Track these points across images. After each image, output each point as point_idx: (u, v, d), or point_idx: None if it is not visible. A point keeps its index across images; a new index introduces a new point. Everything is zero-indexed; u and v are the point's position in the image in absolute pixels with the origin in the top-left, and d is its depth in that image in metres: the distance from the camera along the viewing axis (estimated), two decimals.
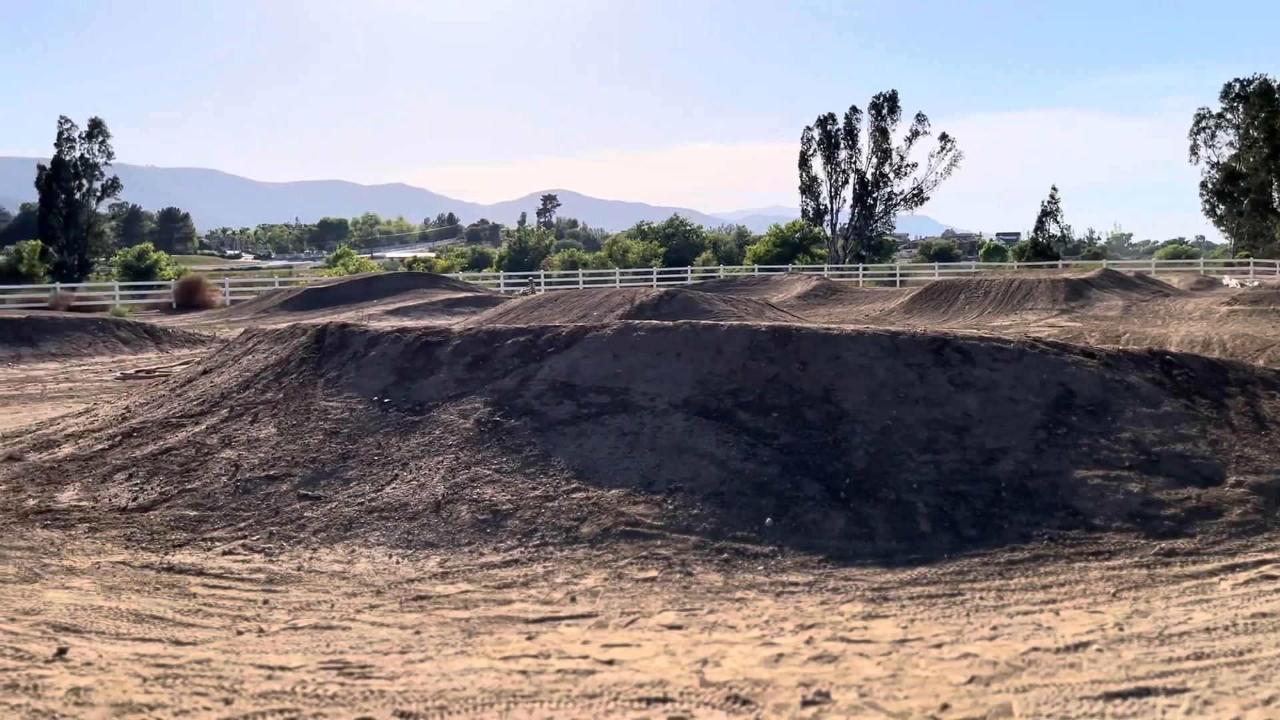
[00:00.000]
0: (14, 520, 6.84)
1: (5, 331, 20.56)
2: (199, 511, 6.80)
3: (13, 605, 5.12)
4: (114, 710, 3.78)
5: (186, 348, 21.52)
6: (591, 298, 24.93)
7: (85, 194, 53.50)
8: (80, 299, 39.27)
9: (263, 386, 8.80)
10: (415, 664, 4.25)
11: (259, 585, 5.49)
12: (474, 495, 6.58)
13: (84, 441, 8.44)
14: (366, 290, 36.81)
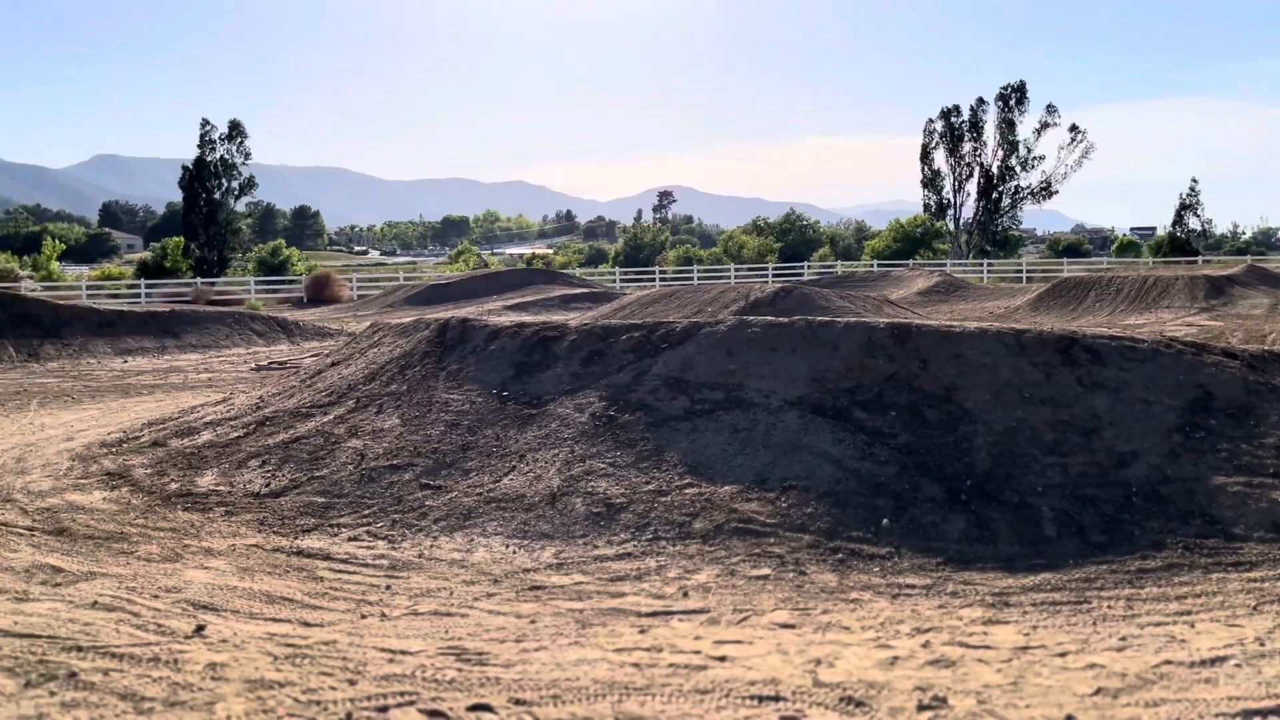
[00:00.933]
0: (158, 502, 7.23)
1: (151, 324, 21.74)
2: (326, 498, 7.06)
3: (156, 583, 5.42)
4: (247, 686, 3.96)
5: (316, 340, 22.36)
6: (706, 293, 24.90)
7: (224, 193, 56.08)
8: (219, 293, 41.24)
9: (387, 379, 9.08)
10: (530, 653, 4.33)
11: (382, 571, 5.67)
12: (588, 488, 6.66)
13: (221, 429, 8.87)
14: (487, 286, 37.61)
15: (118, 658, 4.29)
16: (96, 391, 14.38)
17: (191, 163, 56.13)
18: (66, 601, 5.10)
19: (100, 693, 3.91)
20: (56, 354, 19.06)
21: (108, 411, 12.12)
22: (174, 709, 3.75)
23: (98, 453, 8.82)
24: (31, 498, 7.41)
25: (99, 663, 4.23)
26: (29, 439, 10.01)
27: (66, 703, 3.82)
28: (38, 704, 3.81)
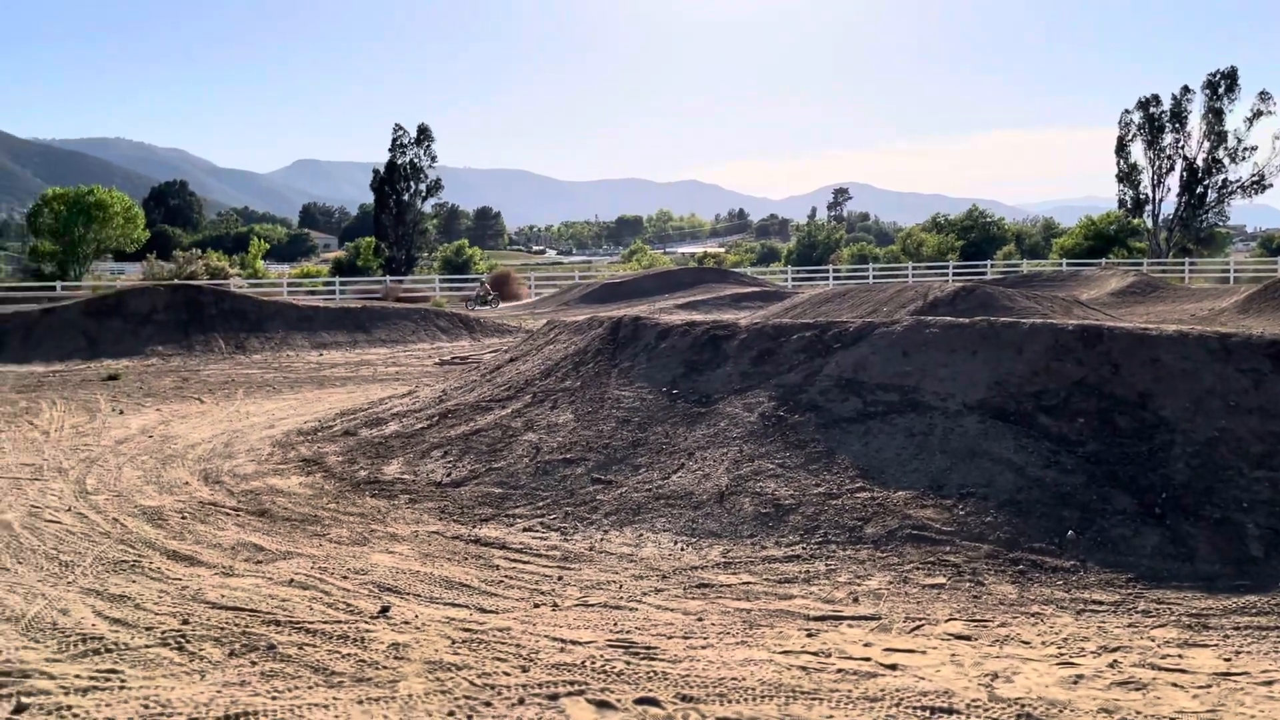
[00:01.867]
0: (348, 488, 7.65)
1: (345, 320, 23.03)
2: (503, 489, 7.30)
3: (346, 564, 5.74)
4: (427, 667, 4.14)
5: (496, 337, 23.13)
6: (881, 293, 24.33)
7: (412, 195, 58.76)
8: (406, 290, 43.26)
9: (562, 375, 9.31)
10: (697, 650, 4.34)
11: (554, 562, 5.81)
12: (757, 488, 6.63)
13: (407, 420, 9.30)
14: (659, 284, 37.96)
15: (311, 633, 4.56)
16: (295, 382, 15.35)
17: (383, 166, 59.08)
18: (266, 578, 5.47)
19: (295, 665, 4.18)
20: (260, 347, 20.45)
21: (304, 401, 12.92)
22: (360, 684, 3.96)
23: (295, 440, 9.41)
24: (237, 480, 7.98)
25: (294, 637, 4.51)
26: (235, 426, 10.78)
27: (265, 672, 4.09)
28: (241, 672, 4.10)
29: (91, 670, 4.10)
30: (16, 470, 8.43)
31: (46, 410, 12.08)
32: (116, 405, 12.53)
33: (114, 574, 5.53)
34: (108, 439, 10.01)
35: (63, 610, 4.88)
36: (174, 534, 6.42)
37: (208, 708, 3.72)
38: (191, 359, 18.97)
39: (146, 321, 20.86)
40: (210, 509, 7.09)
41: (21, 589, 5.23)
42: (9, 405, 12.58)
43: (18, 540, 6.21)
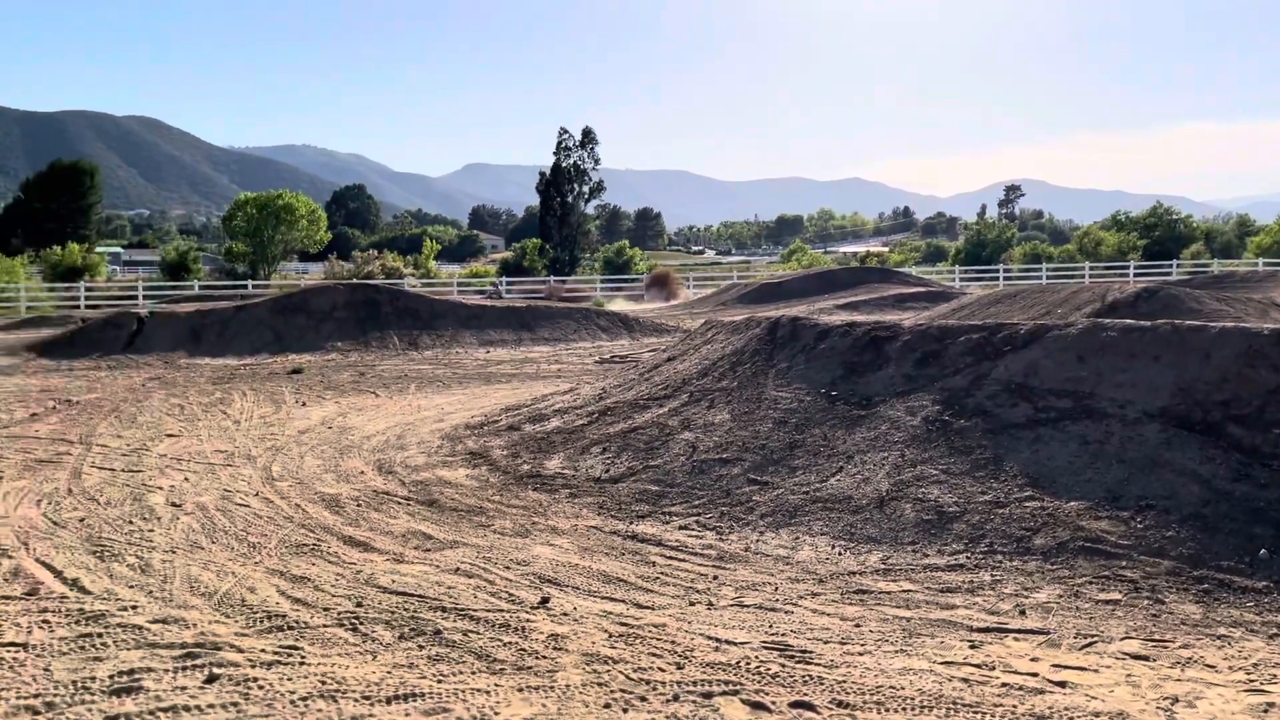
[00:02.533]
0: (511, 482, 7.89)
1: (510, 318, 23.73)
2: (660, 487, 7.37)
3: (508, 555, 5.92)
4: (584, 659, 4.22)
5: (654, 336, 23.34)
6: (1055, 294, 23.27)
7: (576, 196, 60.06)
8: (569, 290, 44.17)
9: (719, 374, 9.31)
10: (854, 656, 4.27)
11: (710, 561, 5.83)
12: (919, 494, 6.46)
13: (568, 417, 9.50)
14: (819, 285, 37.46)
15: (475, 620, 4.73)
16: (463, 378, 15.91)
17: (548, 169, 60.54)
18: (434, 566, 5.70)
19: (460, 650, 4.34)
20: (431, 343, 21.29)
21: (472, 397, 13.38)
22: (521, 673, 4.08)
23: (463, 434, 9.76)
24: (408, 471, 8.34)
25: (459, 623, 4.69)
26: (408, 419, 11.27)
27: (432, 656, 4.27)
28: (409, 654, 4.29)
29: (275, 646, 4.37)
30: (211, 456, 9.07)
31: (238, 401, 12.93)
32: (300, 397, 13.29)
33: (296, 556, 5.88)
34: (291, 429, 10.64)
35: (250, 589, 5.22)
36: (350, 520, 6.77)
37: (378, 687, 3.91)
38: (368, 354, 19.93)
39: (328, 319, 22.04)
40: (383, 498, 7.44)
41: (214, 567, 5.62)
42: (205, 396, 13.53)
43: (212, 522, 6.68)
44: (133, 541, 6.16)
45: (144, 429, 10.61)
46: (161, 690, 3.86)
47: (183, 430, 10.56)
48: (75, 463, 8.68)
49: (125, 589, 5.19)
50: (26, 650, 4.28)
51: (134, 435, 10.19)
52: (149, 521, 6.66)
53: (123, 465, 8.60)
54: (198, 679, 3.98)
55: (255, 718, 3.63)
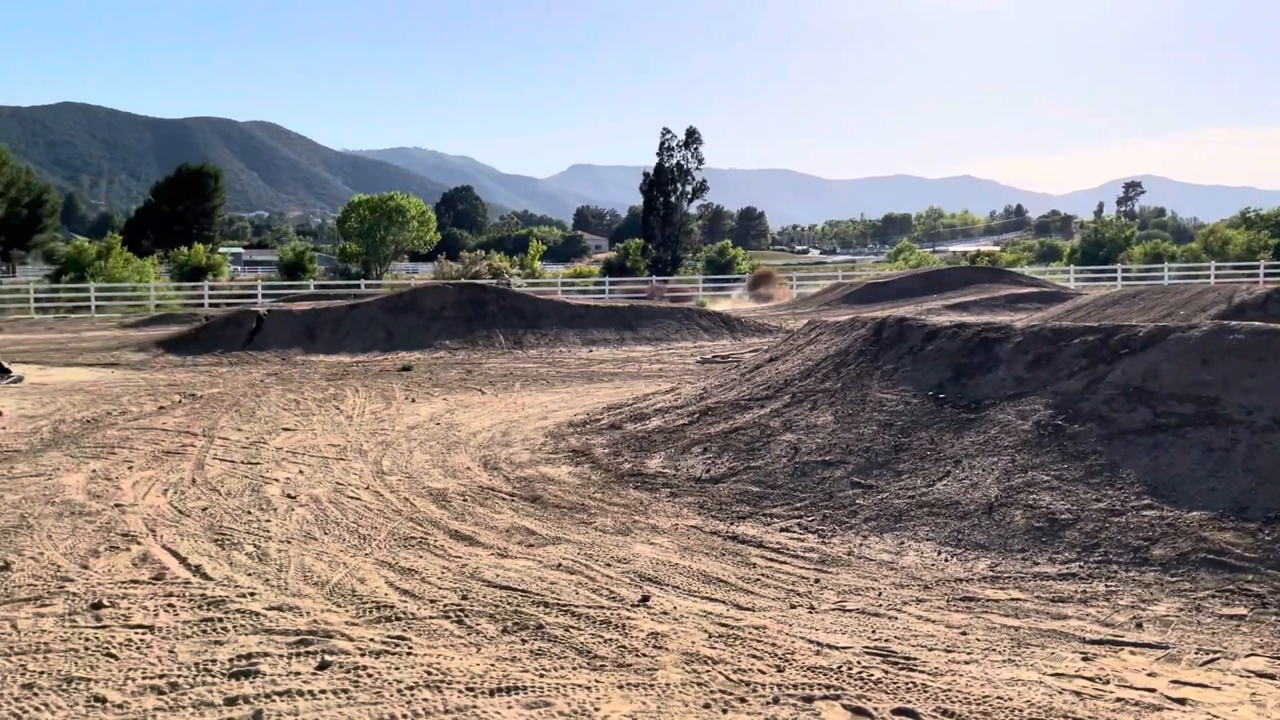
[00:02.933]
0: (613, 480, 7.94)
1: (612, 318, 23.89)
2: (761, 488, 7.32)
3: (609, 553, 5.96)
4: (684, 658, 4.23)
5: (756, 336, 23.21)
6: (1177, 295, 22.31)
7: (679, 196, 60.09)
8: (671, 290, 44.23)
9: (822, 375, 9.21)
10: (960, 665, 4.18)
11: (811, 564, 5.77)
12: (1029, 500, 6.27)
13: (669, 416, 9.52)
14: (926, 285, 36.70)
15: (576, 616, 4.78)
16: (566, 377, 16.09)
17: (651, 169, 60.75)
18: (537, 561, 5.78)
19: (561, 645, 4.39)
20: (536, 342, 21.59)
21: (575, 395, 13.52)
22: (621, 670, 4.11)
23: (565, 432, 9.87)
24: (513, 467, 8.48)
25: (561, 619, 4.74)
26: (512, 416, 11.45)
27: (534, 651, 4.33)
28: (512, 648, 4.36)
29: (384, 635, 4.49)
30: (325, 450, 9.37)
31: (350, 397, 13.34)
32: (409, 394, 13.63)
33: (404, 549, 6.03)
34: (401, 425, 10.92)
35: (360, 579, 5.38)
36: (456, 515, 6.92)
37: (482, 679, 3.98)
38: (475, 353, 20.31)
39: (436, 317, 22.56)
40: (488, 493, 7.58)
41: (327, 558, 5.81)
42: (320, 391, 13.99)
43: (325, 514, 6.91)
44: (251, 531, 6.41)
45: (262, 423, 11.03)
46: (277, 675, 4.01)
47: (298, 425, 10.94)
48: (198, 454, 9.07)
49: (244, 576, 5.40)
50: (153, 633, 4.50)
51: (253, 429, 10.60)
52: (266, 512, 6.92)
53: (242, 457, 8.96)
54: (310, 665, 4.12)
55: (364, 705, 3.74)
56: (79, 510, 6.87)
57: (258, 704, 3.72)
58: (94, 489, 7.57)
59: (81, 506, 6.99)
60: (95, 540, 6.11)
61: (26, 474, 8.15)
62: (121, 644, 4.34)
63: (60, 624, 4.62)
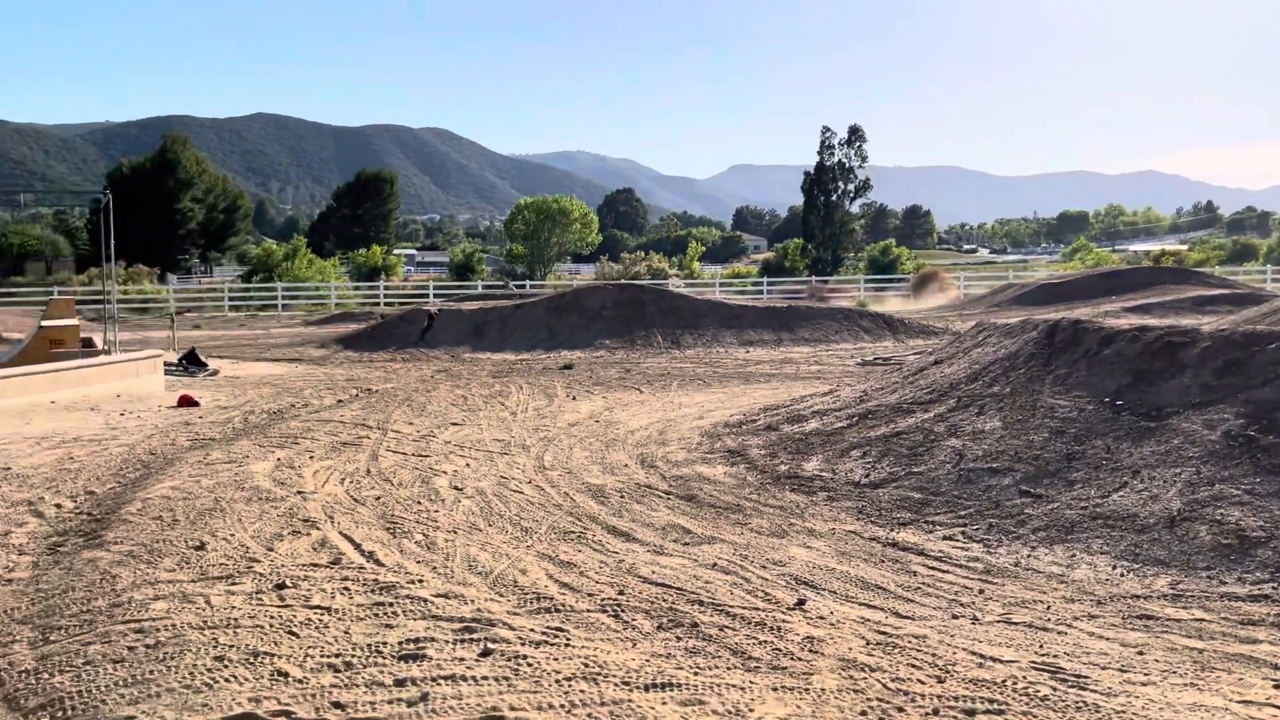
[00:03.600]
0: (769, 481, 7.90)
1: (770, 319, 23.73)
2: (922, 494, 7.13)
3: (765, 554, 5.93)
4: (840, 664, 4.17)
5: (920, 338, 22.60)
6: None
7: (840, 195, 59.15)
8: (830, 290, 43.60)
9: (990, 379, 8.89)
10: (1136, 686, 3.96)
11: (975, 574, 5.58)
12: (1216, 515, 5.88)
13: (827, 419, 9.39)
14: (1105, 285, 34.86)
15: (731, 616, 4.78)
16: (723, 377, 16.09)
17: (812, 168, 60.03)
18: (692, 560, 5.81)
19: (716, 645, 4.40)
20: (693, 342, 21.68)
21: (731, 396, 13.51)
22: (775, 672, 4.08)
23: (722, 432, 9.87)
24: (669, 466, 8.55)
25: (715, 618, 4.75)
26: (669, 415, 11.54)
27: (689, 649, 4.36)
28: (667, 644, 4.40)
29: (543, 626, 4.61)
30: (490, 445, 9.68)
31: (515, 394, 13.73)
32: (570, 392, 13.93)
33: (563, 542, 6.17)
34: (562, 421, 11.17)
35: (522, 570, 5.54)
36: (614, 511, 7.03)
37: (637, 674, 4.04)
38: (633, 352, 20.57)
39: (597, 317, 22.96)
40: (645, 491, 7.66)
41: (490, 549, 6.01)
42: (486, 388, 14.47)
43: (489, 506, 7.14)
44: (420, 520, 6.69)
45: (432, 417, 11.49)
46: (442, 659, 4.17)
47: (465, 420, 11.34)
48: (373, 446, 9.53)
49: (413, 564, 5.65)
50: (330, 614, 4.75)
51: (423, 423, 11.06)
52: (434, 503, 7.21)
53: (413, 450, 9.35)
54: (474, 651, 4.27)
55: (523, 693, 3.85)
56: (265, 496, 7.34)
57: (424, 686, 3.88)
58: (279, 476, 8.06)
59: (268, 493, 7.46)
60: (280, 525, 6.50)
61: (220, 461, 8.75)
62: (302, 623, 4.61)
63: (248, 601, 4.94)
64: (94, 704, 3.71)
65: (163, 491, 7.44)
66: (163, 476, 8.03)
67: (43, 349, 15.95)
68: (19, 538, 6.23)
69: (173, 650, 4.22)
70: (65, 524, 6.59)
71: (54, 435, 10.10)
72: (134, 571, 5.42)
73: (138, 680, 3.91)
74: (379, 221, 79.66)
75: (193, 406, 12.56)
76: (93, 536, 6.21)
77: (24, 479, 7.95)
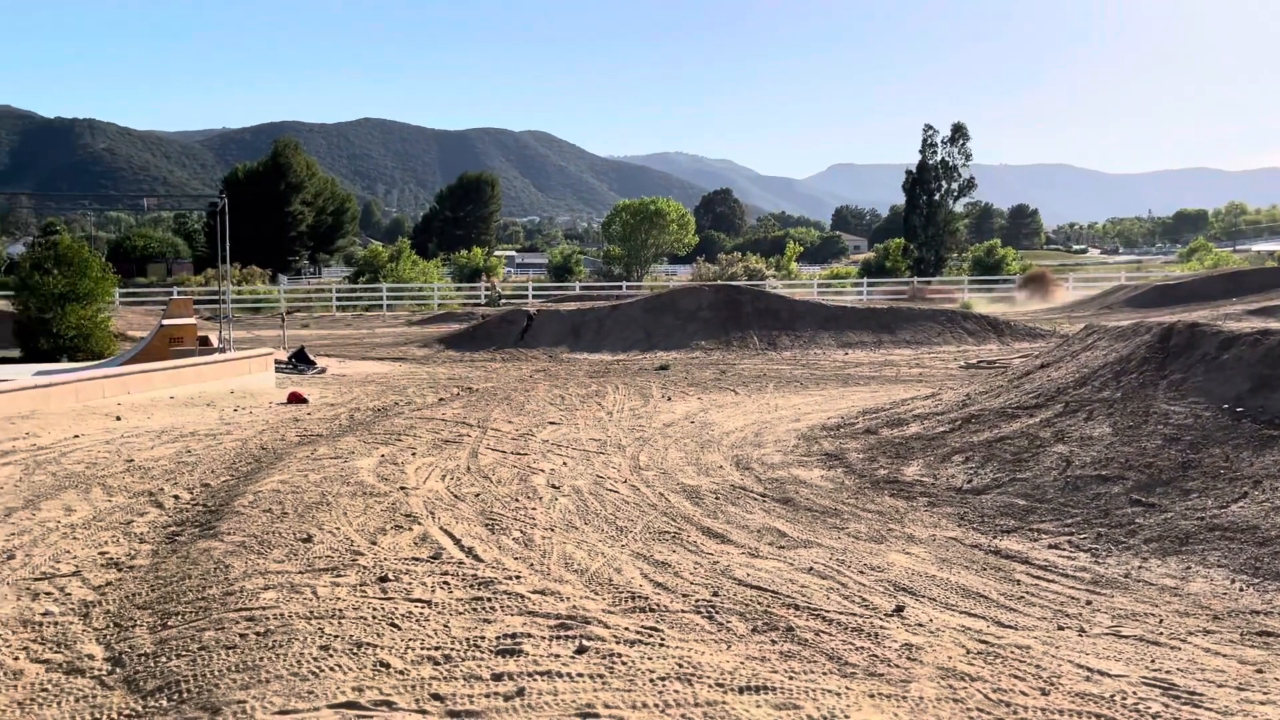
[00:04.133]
0: (867, 485, 7.78)
1: (870, 320, 23.38)
2: (1027, 501, 6.94)
3: (862, 560, 5.85)
4: (939, 673, 4.08)
5: (1026, 341, 21.99)
6: None
7: (943, 194, 57.85)
8: (933, 291, 42.73)
9: (1100, 384, 8.60)
10: (1254, 705, 3.78)
11: (1082, 584, 5.41)
12: None
13: (928, 423, 9.21)
14: (1225, 287, 33.39)
15: (827, 621, 4.73)
16: (820, 379, 15.91)
17: (914, 167, 58.93)
18: (788, 563, 5.76)
19: (811, 649, 4.35)
20: (790, 344, 21.49)
21: (829, 398, 13.35)
22: (872, 679, 4.02)
23: (819, 435, 9.77)
24: (765, 468, 8.49)
25: (811, 623, 4.71)
26: (765, 417, 11.47)
27: (784, 652, 4.32)
28: (761, 648, 4.38)
29: (638, 625, 4.63)
30: (586, 444, 9.77)
31: (611, 394, 13.82)
32: (665, 392, 13.96)
33: (658, 542, 6.19)
34: (657, 422, 11.20)
35: (617, 569, 5.57)
36: (708, 512, 7.02)
37: (731, 676, 4.02)
38: (729, 353, 20.50)
39: (693, 318, 22.95)
40: (740, 493, 7.63)
41: (586, 546, 6.06)
42: (583, 388, 14.59)
43: (585, 505, 7.20)
44: (518, 518, 6.78)
45: (530, 416, 11.65)
46: (539, 655, 4.23)
47: (562, 419, 11.46)
48: (473, 444, 9.70)
49: (511, 560, 5.73)
50: (430, 607, 4.86)
51: (521, 421, 11.22)
52: (532, 501, 7.31)
53: (511, 448, 9.50)
54: (569, 649, 4.31)
55: (618, 691, 3.87)
56: (369, 491, 7.54)
57: (521, 681, 3.93)
58: (382, 472, 8.27)
59: (372, 488, 7.66)
60: (383, 519, 6.67)
61: (327, 456, 9.02)
62: (403, 615, 4.73)
63: (352, 593, 5.08)
64: (208, 688, 3.87)
65: (273, 485, 7.70)
66: (273, 470, 8.32)
67: (163, 346, 16.71)
68: (140, 527, 6.53)
69: (281, 639, 4.37)
70: (182, 514, 6.89)
71: (173, 429, 10.55)
72: (245, 561, 5.62)
73: (249, 666, 4.06)
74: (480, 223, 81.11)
75: (301, 403, 12.99)
76: (207, 527, 6.47)
77: (145, 471, 8.33)
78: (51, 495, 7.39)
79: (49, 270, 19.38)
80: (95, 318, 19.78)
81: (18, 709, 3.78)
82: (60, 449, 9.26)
